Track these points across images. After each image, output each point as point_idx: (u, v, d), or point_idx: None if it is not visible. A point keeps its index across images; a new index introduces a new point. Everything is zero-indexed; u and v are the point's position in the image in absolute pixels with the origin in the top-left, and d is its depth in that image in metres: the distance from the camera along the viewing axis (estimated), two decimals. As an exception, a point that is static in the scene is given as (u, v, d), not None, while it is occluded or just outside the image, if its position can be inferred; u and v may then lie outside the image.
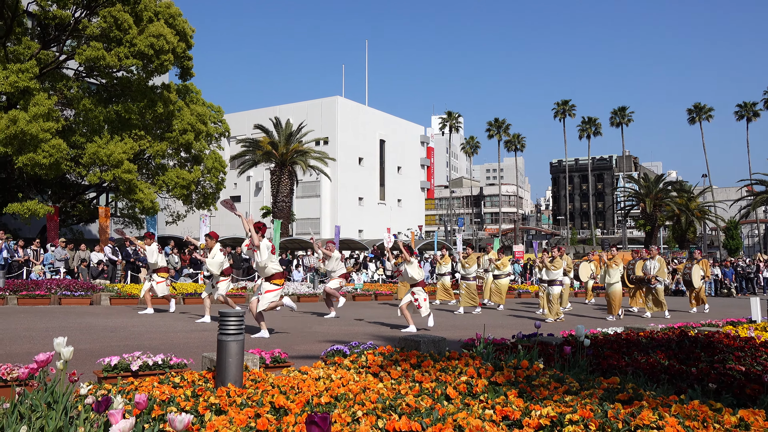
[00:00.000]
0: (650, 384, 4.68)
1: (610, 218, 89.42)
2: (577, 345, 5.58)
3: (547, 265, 13.32)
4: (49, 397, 3.51)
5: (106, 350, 7.28)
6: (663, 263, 14.94)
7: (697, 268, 16.67)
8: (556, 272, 13.25)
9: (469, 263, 15.30)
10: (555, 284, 13.19)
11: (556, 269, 13.24)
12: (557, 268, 13.24)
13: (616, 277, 13.95)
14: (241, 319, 4.47)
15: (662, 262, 14.94)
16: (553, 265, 13.26)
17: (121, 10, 19.80)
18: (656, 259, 14.88)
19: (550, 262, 13.31)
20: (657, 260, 14.83)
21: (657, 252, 15.24)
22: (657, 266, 14.80)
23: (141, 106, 21.57)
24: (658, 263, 14.79)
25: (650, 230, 51.13)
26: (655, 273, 14.63)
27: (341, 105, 54.89)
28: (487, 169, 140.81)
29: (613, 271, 13.97)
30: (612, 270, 14.00)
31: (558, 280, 13.25)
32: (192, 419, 2.99)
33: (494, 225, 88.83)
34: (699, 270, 16.70)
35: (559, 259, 13.41)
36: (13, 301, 13.44)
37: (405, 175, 63.43)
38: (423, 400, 3.82)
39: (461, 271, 15.50)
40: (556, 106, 75.30)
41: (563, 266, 15.70)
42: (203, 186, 24.99)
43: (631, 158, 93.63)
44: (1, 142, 18.09)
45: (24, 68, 18.78)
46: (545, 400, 3.81)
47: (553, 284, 13.19)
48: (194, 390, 4.01)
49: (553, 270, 13.25)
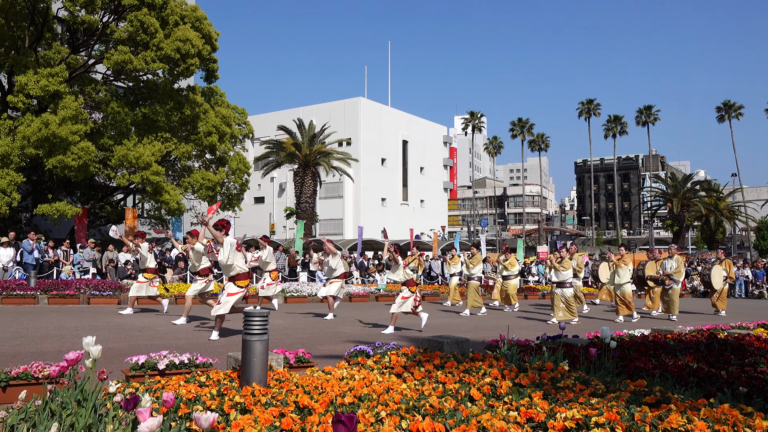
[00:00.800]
0: (678, 387, 4.60)
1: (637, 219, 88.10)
2: (602, 347, 5.51)
3: (555, 265, 12.74)
4: (79, 394, 3.58)
5: (133, 349, 7.40)
6: (681, 263, 14.40)
7: (718, 268, 16.01)
8: (565, 273, 12.66)
9: (473, 263, 14.94)
10: (565, 286, 12.66)
11: (565, 270, 12.65)
12: (566, 268, 12.66)
13: (626, 277, 13.48)
14: (266, 319, 4.50)
15: (680, 261, 14.40)
16: (562, 266, 12.67)
17: (147, 15, 20.10)
18: (674, 258, 14.38)
19: (558, 262, 12.72)
20: (675, 260, 14.34)
21: (676, 251, 14.70)
22: (674, 266, 14.32)
23: (167, 109, 21.89)
24: (676, 263, 14.28)
25: (678, 231, 50.30)
26: (672, 272, 14.14)
27: (364, 106, 54.99)
28: (510, 169, 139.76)
29: (622, 272, 13.49)
30: (621, 270, 13.51)
31: (568, 282, 12.72)
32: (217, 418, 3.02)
33: (518, 225, 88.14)
34: (721, 271, 16.03)
35: (568, 259, 12.85)
36: (44, 301, 13.74)
37: (428, 176, 63.31)
38: (446, 401, 3.81)
39: (466, 271, 15.23)
40: (581, 106, 74.52)
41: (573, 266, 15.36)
42: (228, 187, 25.25)
43: (657, 157, 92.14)
44: (32, 144, 18.50)
45: (54, 72, 19.18)
46: (570, 403, 3.77)
47: (563, 286, 12.67)
48: (220, 389, 4.05)
49: (562, 270, 12.67)
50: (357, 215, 52.93)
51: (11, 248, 17.09)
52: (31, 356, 6.62)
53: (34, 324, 9.98)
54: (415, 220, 57.27)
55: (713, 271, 15.93)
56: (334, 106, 55.23)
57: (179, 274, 20.16)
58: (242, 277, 8.72)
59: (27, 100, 19.13)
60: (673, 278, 14.09)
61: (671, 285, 14.12)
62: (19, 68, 19.45)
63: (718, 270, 15.93)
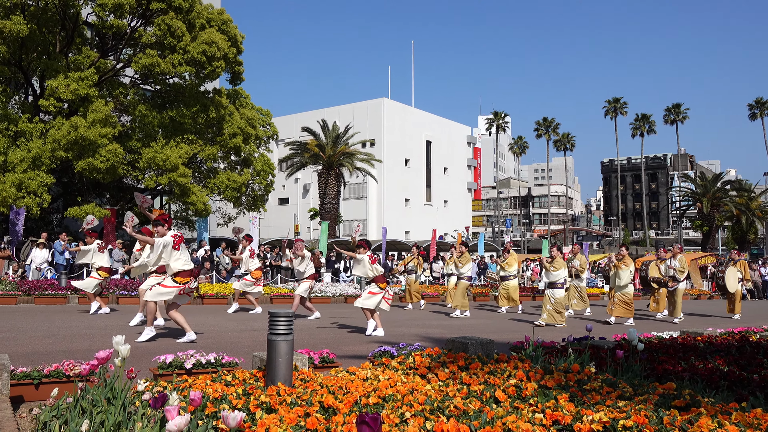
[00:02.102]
0: (708, 391, 4.52)
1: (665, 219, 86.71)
2: (630, 349, 5.43)
3: (546, 265, 12.20)
4: (109, 392, 3.65)
5: (160, 348, 7.51)
6: (685, 263, 13.77)
7: (732, 270, 15.14)
8: (557, 273, 12.05)
9: (463, 263, 14.29)
10: (556, 287, 12.07)
11: (556, 270, 12.03)
12: (557, 268, 12.02)
13: (627, 278, 12.83)
14: (291, 319, 4.53)
15: (683, 261, 13.78)
16: (553, 266, 12.04)
17: (174, 18, 20.39)
18: (677, 258, 13.77)
19: (549, 262, 12.14)
20: (678, 259, 13.73)
21: (679, 251, 14.03)
22: (678, 266, 13.68)
23: (193, 111, 22.18)
24: (679, 263, 13.67)
25: (708, 231, 49.40)
26: (675, 272, 13.56)
27: (387, 107, 55.02)
28: (535, 169, 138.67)
29: (622, 273, 12.84)
30: (621, 271, 12.86)
31: (559, 282, 12.06)
32: (244, 417, 3.05)
33: (543, 226, 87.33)
34: (736, 272, 15.20)
35: (559, 258, 12.15)
36: (74, 300, 14.02)
37: (451, 176, 63.08)
38: (471, 402, 3.80)
39: (455, 271, 14.51)
40: (607, 104, 73.65)
41: (577, 266, 14.67)
42: (253, 188, 25.49)
43: (686, 156, 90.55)
44: (62, 147, 18.90)
45: (84, 76, 19.58)
46: (597, 405, 3.72)
47: (554, 287, 12.07)
48: (245, 388, 4.09)
49: (553, 271, 12.05)
50: (381, 216, 52.97)
51: (46, 249, 17.49)
52: (63, 354, 6.76)
53: (65, 323, 10.19)
54: (439, 220, 57.07)
55: (727, 272, 15.04)
56: (358, 107, 55.35)
57: (205, 275, 20.41)
58: (183, 274, 8.30)
59: (58, 103, 19.55)
60: (677, 279, 13.49)
61: (675, 286, 13.53)
62: (51, 72, 19.89)
63: (732, 271, 15.10)
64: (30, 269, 17.05)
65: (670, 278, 13.62)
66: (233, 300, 13.76)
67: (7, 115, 19.59)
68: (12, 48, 19.39)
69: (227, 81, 24.71)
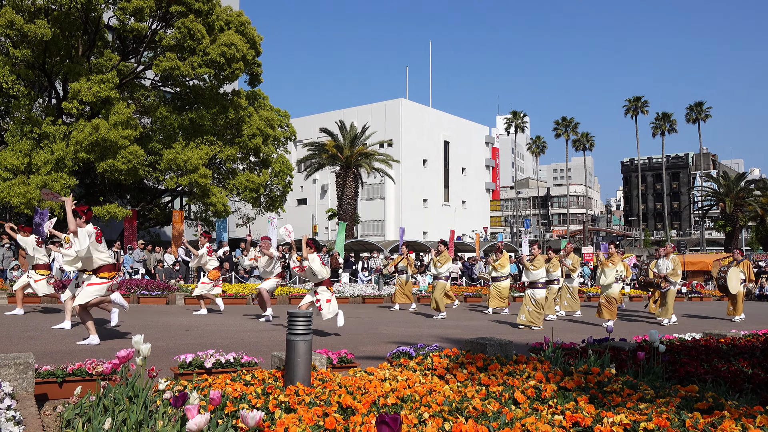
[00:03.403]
0: (732, 393, 4.45)
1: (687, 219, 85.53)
2: (651, 351, 5.37)
3: (526, 264, 11.69)
4: (130, 391, 3.70)
5: (181, 348, 7.59)
6: (677, 263, 13.18)
7: (735, 271, 14.46)
8: (537, 272, 11.55)
9: (441, 262, 13.78)
10: (537, 287, 11.55)
11: (536, 269, 11.53)
12: (537, 267, 11.54)
13: (612, 277, 12.20)
14: (309, 320, 4.55)
15: (676, 261, 13.19)
16: (533, 265, 11.55)
17: (194, 21, 20.60)
18: (670, 258, 13.20)
19: (530, 261, 11.66)
20: (671, 260, 13.15)
21: (672, 250, 13.50)
22: (670, 266, 13.11)
23: (213, 113, 22.39)
24: (672, 263, 13.09)
25: (731, 231, 48.62)
26: (667, 273, 13.00)
27: (405, 107, 54.99)
28: (554, 169, 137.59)
29: (609, 271, 12.20)
30: (608, 270, 12.21)
31: (540, 282, 11.60)
32: (263, 416, 3.07)
33: (562, 226, 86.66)
34: (738, 273, 14.51)
35: (540, 257, 11.71)
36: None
37: (470, 177, 62.84)
38: (490, 403, 3.78)
39: (434, 270, 14.01)
40: (628, 103, 72.87)
41: (569, 265, 14.32)
42: (271, 189, 25.64)
43: (709, 156, 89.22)
44: (84, 149, 19.19)
45: (105, 79, 19.86)
46: (618, 407, 3.69)
47: (535, 286, 11.55)
48: (264, 388, 4.12)
49: (533, 270, 11.54)
50: (398, 216, 52.95)
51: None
52: (85, 353, 6.86)
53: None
54: (457, 221, 56.90)
55: (729, 273, 14.37)
56: (376, 107, 55.40)
57: (224, 275, 20.56)
58: (107, 269, 7.99)
59: (80, 106, 19.85)
60: (670, 280, 12.95)
61: (667, 287, 12.98)
62: (73, 75, 20.21)
63: (735, 272, 14.45)
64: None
65: (662, 279, 13.07)
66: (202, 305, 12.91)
67: (31, 117, 19.94)
68: (36, 52, 19.72)
69: (246, 82, 24.90)
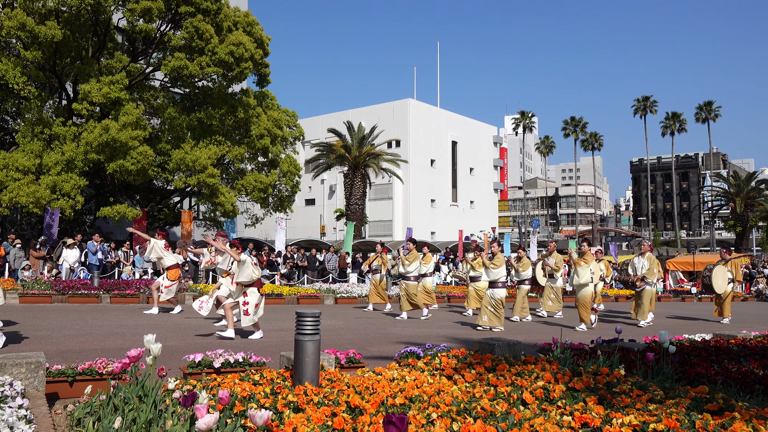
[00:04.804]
0: (742, 394, 4.42)
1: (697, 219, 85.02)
2: (661, 352, 5.34)
3: (485, 262, 11.23)
4: (140, 390, 3.72)
5: (190, 347, 7.62)
6: (654, 262, 12.66)
7: (722, 269, 13.83)
8: (497, 271, 11.04)
9: (409, 260, 13.24)
10: (497, 286, 11.12)
11: (496, 267, 11.03)
12: (497, 266, 11.03)
13: (586, 277, 11.60)
14: (318, 319, 4.56)
15: (653, 260, 12.66)
16: (493, 263, 11.07)
17: (202, 21, 20.68)
18: (646, 256, 12.69)
19: (489, 259, 11.17)
20: (647, 258, 12.64)
21: (649, 249, 12.97)
22: (646, 265, 12.57)
23: (221, 113, 22.47)
24: (648, 261, 12.57)
25: (741, 231, 48.31)
26: (643, 273, 12.53)
27: (413, 107, 54.96)
28: (562, 169, 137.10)
29: (582, 271, 11.58)
30: (581, 269, 11.57)
31: (500, 281, 11.13)
32: (271, 416, 3.08)
33: (571, 226, 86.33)
34: (725, 272, 13.87)
35: (500, 255, 11.18)
36: (106, 300, 14.30)
37: (477, 177, 62.73)
38: (498, 404, 3.78)
39: (401, 269, 13.42)
40: (636, 103, 72.53)
41: (552, 264, 13.93)
42: (279, 189, 25.70)
43: (719, 155, 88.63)
44: (94, 149, 19.32)
45: (115, 80, 19.98)
46: (627, 408, 3.67)
47: (495, 286, 11.13)
48: (273, 388, 4.13)
49: (493, 269, 11.05)
50: (406, 217, 52.93)
51: (77, 249, 17.89)
52: (96, 353, 6.90)
53: (98, 322, 10.41)
54: (465, 221, 56.82)
55: (715, 272, 13.70)
56: (383, 107, 55.41)
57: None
58: None
59: (90, 107, 19.99)
60: (646, 280, 12.52)
61: (643, 287, 12.59)
62: (83, 77, 20.35)
63: (722, 271, 13.82)
64: (63, 269, 17.46)
65: (638, 278, 12.61)
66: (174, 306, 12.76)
67: (42, 118, 20.09)
68: (47, 53, 19.87)
69: (254, 83, 24.97)
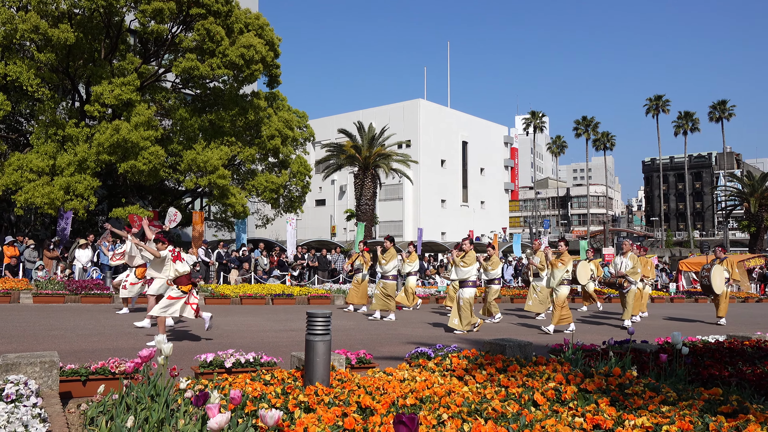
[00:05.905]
0: (757, 397, 4.37)
1: (710, 219, 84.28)
2: (674, 353, 5.30)
3: (455, 260, 10.85)
4: (152, 390, 3.74)
5: (201, 347, 7.66)
6: (636, 261, 12.44)
7: (719, 269, 13.56)
8: (468, 270, 10.68)
9: (386, 259, 12.81)
10: (467, 285, 10.74)
11: (466, 266, 10.68)
12: (468, 264, 10.69)
13: (561, 278, 11.26)
14: (328, 320, 4.57)
15: (635, 259, 12.45)
16: (464, 261, 10.73)
17: (213, 23, 20.79)
18: (628, 256, 12.44)
19: (461, 257, 10.81)
20: (629, 257, 12.40)
21: (630, 247, 12.73)
22: (629, 264, 12.32)
23: (232, 114, 22.58)
24: (630, 261, 12.33)
25: (755, 232, 47.81)
26: (626, 272, 12.28)
27: (423, 107, 54.92)
28: (574, 169, 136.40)
29: (558, 272, 11.20)
30: (557, 270, 11.20)
31: (470, 281, 10.76)
32: (282, 416, 3.09)
33: (582, 227, 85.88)
34: (722, 271, 13.64)
35: (472, 253, 10.87)
36: (118, 300, 14.38)
37: (488, 177, 62.56)
38: (509, 405, 3.76)
39: (379, 269, 13.05)
40: (649, 102, 72.06)
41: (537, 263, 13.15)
42: (290, 190, 25.77)
43: (732, 155, 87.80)
44: (106, 150, 19.47)
45: (127, 82, 20.13)
46: (639, 410, 3.64)
47: (465, 285, 10.76)
48: (284, 388, 4.14)
49: (463, 267, 10.69)
50: (417, 217, 52.89)
51: (89, 249, 18.04)
52: (108, 352, 6.96)
53: (110, 321, 10.49)
54: (475, 221, 56.69)
55: (713, 271, 13.44)
56: (394, 108, 55.40)
57: (243, 275, 20.73)
58: None
59: (102, 108, 20.15)
60: (629, 279, 12.31)
61: (628, 287, 12.36)
62: (96, 79, 20.52)
63: (719, 270, 13.56)
64: (76, 269, 17.61)
65: (622, 278, 12.40)
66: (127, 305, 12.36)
67: (55, 120, 20.28)
68: (60, 56, 20.05)
69: (265, 84, 25.06)
